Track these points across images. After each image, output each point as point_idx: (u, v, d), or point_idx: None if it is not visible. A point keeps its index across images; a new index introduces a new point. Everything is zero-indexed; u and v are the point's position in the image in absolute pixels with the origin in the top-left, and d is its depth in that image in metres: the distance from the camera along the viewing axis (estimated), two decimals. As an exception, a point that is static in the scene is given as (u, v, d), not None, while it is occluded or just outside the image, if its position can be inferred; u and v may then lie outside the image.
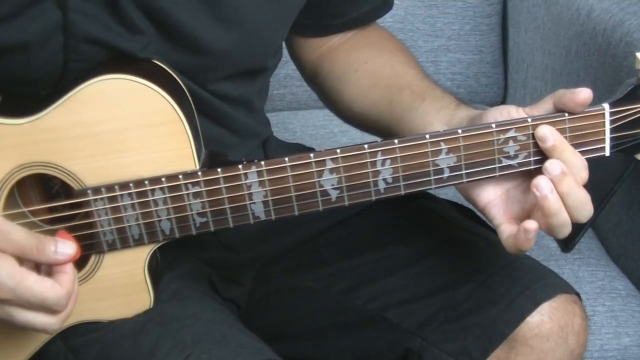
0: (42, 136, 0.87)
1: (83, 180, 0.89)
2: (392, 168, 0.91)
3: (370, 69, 1.10)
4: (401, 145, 0.90)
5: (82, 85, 0.87)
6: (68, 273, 0.86)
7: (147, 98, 0.87)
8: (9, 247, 0.85)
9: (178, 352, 0.90)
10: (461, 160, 0.91)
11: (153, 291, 0.94)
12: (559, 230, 0.90)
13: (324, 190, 0.91)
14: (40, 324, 0.87)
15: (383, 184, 0.91)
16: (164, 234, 0.91)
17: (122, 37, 0.90)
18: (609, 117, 0.91)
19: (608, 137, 0.92)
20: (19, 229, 0.85)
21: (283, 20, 1.03)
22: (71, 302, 0.88)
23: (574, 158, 0.90)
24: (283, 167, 0.89)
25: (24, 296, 0.84)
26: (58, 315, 0.87)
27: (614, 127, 0.92)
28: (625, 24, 1.41)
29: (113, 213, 0.90)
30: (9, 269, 0.84)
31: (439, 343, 1.02)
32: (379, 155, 0.90)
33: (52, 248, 0.86)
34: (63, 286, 0.85)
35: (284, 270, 1.11)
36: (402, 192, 0.92)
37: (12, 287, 0.83)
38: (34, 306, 0.85)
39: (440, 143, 0.90)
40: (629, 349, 1.30)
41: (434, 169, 0.91)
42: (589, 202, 0.91)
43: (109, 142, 0.88)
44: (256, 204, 0.90)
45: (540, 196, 0.88)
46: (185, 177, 0.89)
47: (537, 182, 0.89)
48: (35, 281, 0.84)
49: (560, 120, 0.91)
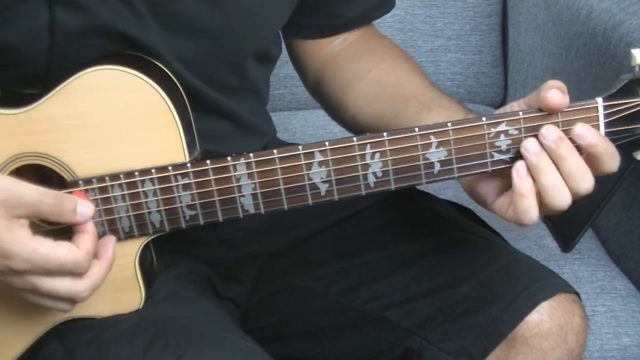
0: (35, 127, 0.88)
1: (75, 171, 0.89)
2: (382, 161, 0.90)
3: (374, 77, 1.09)
4: (390, 137, 0.89)
5: (74, 76, 0.88)
6: (89, 232, 0.85)
7: (138, 89, 0.88)
8: (23, 211, 0.82)
9: (170, 352, 0.90)
10: (452, 154, 0.90)
11: (144, 288, 0.94)
12: (555, 194, 0.88)
13: (313, 183, 0.90)
14: (66, 290, 0.85)
15: (373, 178, 0.91)
16: (154, 226, 0.91)
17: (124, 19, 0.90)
18: (603, 111, 0.90)
19: (602, 132, 0.91)
20: (31, 189, 0.83)
21: (281, 3, 1.03)
22: (98, 267, 0.86)
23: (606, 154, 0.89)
24: (271, 159, 0.89)
25: (40, 264, 0.82)
26: (84, 279, 0.85)
27: (608, 122, 0.90)
28: (625, 24, 1.41)
29: (104, 204, 0.90)
30: (21, 240, 0.82)
31: (438, 342, 1.02)
32: (367, 148, 0.90)
33: (71, 207, 0.84)
34: (82, 247, 0.84)
35: (284, 270, 1.11)
36: (393, 187, 0.91)
37: (26, 257, 0.82)
38: (54, 273, 0.83)
39: (430, 136, 0.90)
40: (629, 349, 1.30)
41: (424, 163, 0.90)
42: (588, 173, 0.89)
43: (100, 133, 0.89)
44: (245, 197, 0.91)
45: (529, 156, 0.88)
46: (174, 168, 0.89)
47: (525, 143, 0.88)
48: (50, 248, 0.83)
49: (553, 114, 0.89)
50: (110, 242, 0.89)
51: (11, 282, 0.85)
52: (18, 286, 0.85)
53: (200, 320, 0.96)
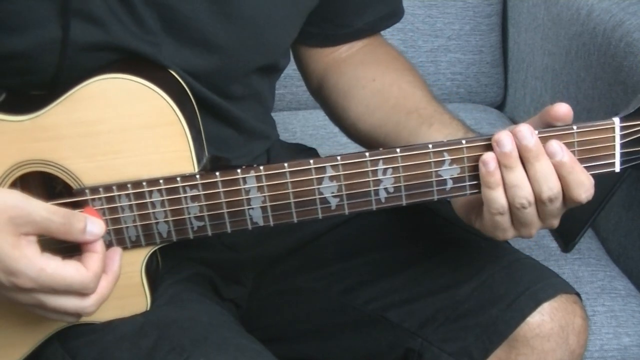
0: (42, 134, 0.87)
1: (82, 179, 0.89)
2: (394, 177, 0.89)
3: (377, 87, 1.09)
4: (403, 154, 0.89)
5: (82, 84, 0.87)
6: (97, 252, 0.84)
7: (146, 99, 0.87)
8: (32, 228, 0.81)
9: (176, 354, 0.90)
10: (465, 172, 0.90)
11: (150, 295, 0.94)
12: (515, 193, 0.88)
13: (324, 197, 0.90)
14: (73, 308, 0.84)
15: (384, 194, 0.90)
16: (161, 236, 0.91)
17: (134, 36, 0.90)
18: (620, 132, 0.89)
19: (618, 153, 0.90)
20: (41, 207, 0.82)
21: (293, 19, 1.03)
22: (104, 282, 0.85)
23: (582, 175, 0.88)
24: (282, 172, 0.89)
25: (46, 284, 0.82)
26: (91, 297, 0.84)
27: (624, 142, 0.89)
28: (625, 24, 1.41)
29: (110, 214, 0.89)
30: (28, 258, 0.81)
31: (439, 343, 1.02)
32: (380, 163, 0.89)
33: (81, 226, 0.83)
34: (90, 268, 0.83)
35: (285, 271, 1.11)
36: (404, 203, 0.91)
37: (33, 276, 0.81)
38: (60, 292, 0.83)
39: (444, 153, 0.89)
40: (629, 349, 1.30)
41: (436, 180, 0.90)
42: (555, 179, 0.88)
43: (108, 142, 0.88)
44: (254, 210, 0.90)
45: (501, 152, 0.87)
46: (183, 179, 0.89)
47: (498, 137, 0.87)
48: (57, 267, 0.82)
49: (569, 133, 0.89)
50: (116, 255, 0.88)
51: (17, 297, 0.84)
52: (24, 302, 0.84)
53: (204, 321, 0.95)
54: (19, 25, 0.88)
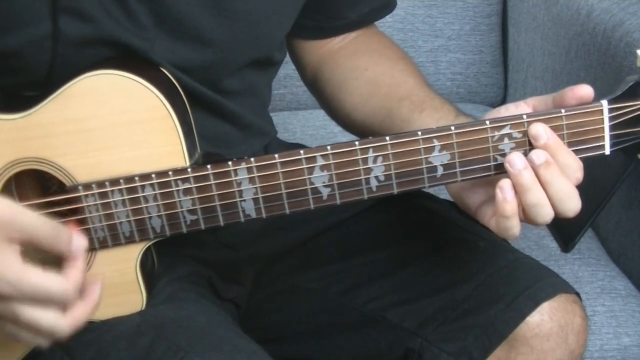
0: (34, 132, 0.88)
1: (75, 176, 0.89)
2: (384, 165, 0.90)
3: (370, 76, 1.09)
4: (393, 142, 0.89)
5: (73, 81, 0.87)
6: (78, 267, 0.84)
7: (137, 94, 0.88)
8: (19, 235, 0.81)
9: (172, 354, 0.90)
10: (455, 157, 0.90)
11: (146, 292, 0.94)
12: (537, 212, 0.88)
13: (315, 187, 0.90)
14: (47, 323, 0.83)
15: (375, 182, 0.90)
16: (155, 231, 0.91)
17: (127, 31, 0.91)
18: (608, 114, 0.90)
19: (608, 135, 0.90)
20: (29, 216, 0.81)
21: (286, 12, 1.03)
22: (82, 308, 0.85)
23: (568, 158, 0.89)
24: (273, 163, 0.89)
25: (26, 291, 0.81)
26: (67, 316, 0.84)
27: (613, 125, 0.90)
28: (625, 24, 1.41)
29: (104, 209, 0.90)
30: (9, 263, 0.80)
31: (439, 343, 1.02)
32: (370, 152, 0.89)
33: (67, 238, 0.83)
34: (70, 279, 0.83)
35: (284, 271, 1.11)
36: (395, 191, 0.91)
37: (13, 281, 0.80)
38: (40, 301, 0.82)
39: (433, 140, 0.89)
40: (629, 349, 1.30)
41: (427, 167, 0.90)
42: (575, 196, 0.88)
43: (99, 138, 0.88)
44: (246, 202, 0.90)
45: (514, 172, 0.87)
46: (174, 173, 0.89)
47: (510, 159, 0.87)
48: (38, 274, 0.81)
49: (557, 116, 0.89)
50: (97, 284, 0.87)
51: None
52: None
53: (201, 321, 0.95)
54: (12, 24, 0.89)
